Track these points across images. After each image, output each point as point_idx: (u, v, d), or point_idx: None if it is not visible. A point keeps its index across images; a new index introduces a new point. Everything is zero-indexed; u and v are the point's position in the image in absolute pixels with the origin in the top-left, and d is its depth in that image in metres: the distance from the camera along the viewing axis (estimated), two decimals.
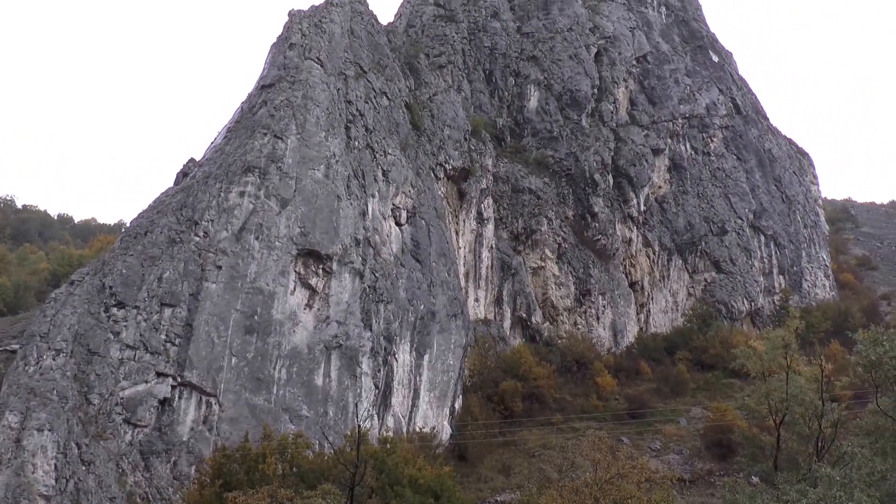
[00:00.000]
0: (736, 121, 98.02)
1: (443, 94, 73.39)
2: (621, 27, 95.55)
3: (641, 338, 77.81)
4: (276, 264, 42.43)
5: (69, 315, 36.57)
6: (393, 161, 55.78)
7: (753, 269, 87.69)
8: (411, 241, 54.90)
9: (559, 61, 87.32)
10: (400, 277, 51.40)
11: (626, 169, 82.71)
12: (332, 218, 46.44)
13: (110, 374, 35.54)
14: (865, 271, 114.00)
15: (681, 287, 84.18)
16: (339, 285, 45.54)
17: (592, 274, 75.24)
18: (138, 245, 40.38)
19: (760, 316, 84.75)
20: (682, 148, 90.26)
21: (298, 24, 55.05)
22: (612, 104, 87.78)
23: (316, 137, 48.01)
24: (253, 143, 45.06)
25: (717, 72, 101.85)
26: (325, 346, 43.16)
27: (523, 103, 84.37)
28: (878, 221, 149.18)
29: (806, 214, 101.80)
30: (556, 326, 72.25)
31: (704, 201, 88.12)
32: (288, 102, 47.92)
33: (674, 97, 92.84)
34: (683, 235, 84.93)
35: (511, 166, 77.09)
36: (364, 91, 56.57)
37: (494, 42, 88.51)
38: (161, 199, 44.45)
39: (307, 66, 51.49)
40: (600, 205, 78.94)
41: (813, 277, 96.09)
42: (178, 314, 38.42)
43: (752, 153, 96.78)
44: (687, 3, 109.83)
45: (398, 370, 48.88)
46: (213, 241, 40.91)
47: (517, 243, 73.59)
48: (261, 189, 43.56)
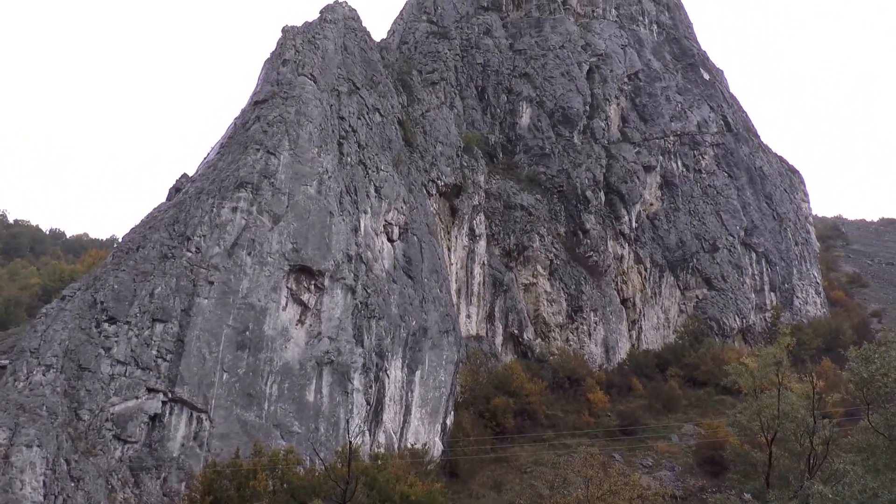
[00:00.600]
0: (727, 138, 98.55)
1: (435, 111, 73.70)
2: (613, 45, 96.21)
3: (633, 354, 77.84)
4: (268, 280, 42.37)
5: (60, 330, 36.44)
6: (385, 177, 55.89)
7: (745, 287, 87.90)
8: (403, 258, 54.93)
9: (551, 78, 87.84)
10: (392, 293, 51.39)
11: (618, 186, 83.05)
12: (325, 234, 46.44)
13: (101, 390, 35.37)
14: (856, 289, 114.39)
15: (672, 304, 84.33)
16: (330, 301, 45.48)
17: (584, 290, 75.34)
18: (130, 260, 40.32)
19: (752, 333, 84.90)
20: (674, 165, 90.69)
21: (292, 39, 55.28)
22: (604, 121, 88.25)
23: (309, 153, 48.10)
24: (246, 159, 45.11)
25: (708, 89, 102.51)
26: (316, 361, 43.06)
27: (515, 120, 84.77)
28: (869, 239, 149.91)
29: (797, 232, 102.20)
30: (547, 343, 72.24)
31: (696, 218, 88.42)
32: (281, 118, 48.03)
33: (665, 114, 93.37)
34: (675, 252, 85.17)
35: (503, 183, 77.33)
36: (357, 107, 56.75)
37: (487, 59, 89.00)
38: (153, 215, 44.45)
39: (300, 81, 51.67)
40: (592, 221, 79.22)
41: (804, 295, 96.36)
42: (169, 330, 38.30)
43: (744, 170, 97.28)
44: (678, 21, 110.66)
45: (390, 386, 48.77)
46: (206, 257, 40.85)
47: (509, 260, 73.70)
48: (253, 205, 43.57)
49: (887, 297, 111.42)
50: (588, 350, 73.69)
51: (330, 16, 61.40)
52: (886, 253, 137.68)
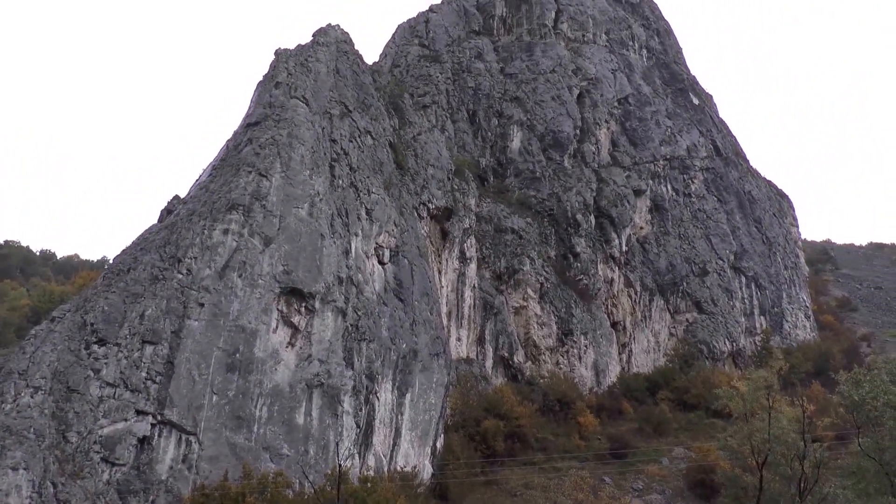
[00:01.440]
0: (716, 163, 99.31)
1: (427, 134, 74.07)
2: (603, 69, 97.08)
3: (623, 377, 77.84)
4: (259, 302, 42.33)
5: (49, 352, 36.29)
6: (376, 200, 56.04)
7: (735, 310, 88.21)
8: (394, 280, 54.96)
9: (542, 102, 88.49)
10: (382, 316, 51.35)
11: (608, 209, 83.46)
12: (316, 256, 46.47)
13: (89, 412, 35.17)
14: (846, 313, 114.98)
15: (662, 327, 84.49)
16: (321, 324, 45.43)
17: (574, 314, 75.45)
18: (121, 282, 40.24)
19: (742, 356, 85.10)
20: (664, 189, 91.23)
21: (285, 62, 55.60)
22: (594, 145, 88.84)
23: (300, 176, 48.23)
24: (238, 181, 45.20)
25: (697, 114, 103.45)
26: (306, 384, 42.93)
27: (506, 143, 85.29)
28: (858, 263, 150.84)
29: (786, 256, 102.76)
30: (538, 366, 72.20)
31: (686, 242, 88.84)
32: (273, 141, 48.20)
33: (655, 139, 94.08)
34: (665, 276, 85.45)
35: (494, 206, 77.61)
36: (349, 130, 57.00)
37: (478, 83, 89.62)
38: (145, 237, 44.43)
39: (293, 104, 51.90)
40: (582, 245, 79.50)
41: (794, 318, 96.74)
42: (159, 352, 38.17)
43: (733, 195, 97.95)
44: (668, 46, 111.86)
45: (380, 409, 48.60)
46: (196, 279, 40.81)
47: (499, 283, 73.79)
48: (245, 227, 43.61)
49: (876, 321, 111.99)
50: (578, 373, 73.67)
51: (322, 39, 61.80)
52: (875, 277, 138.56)
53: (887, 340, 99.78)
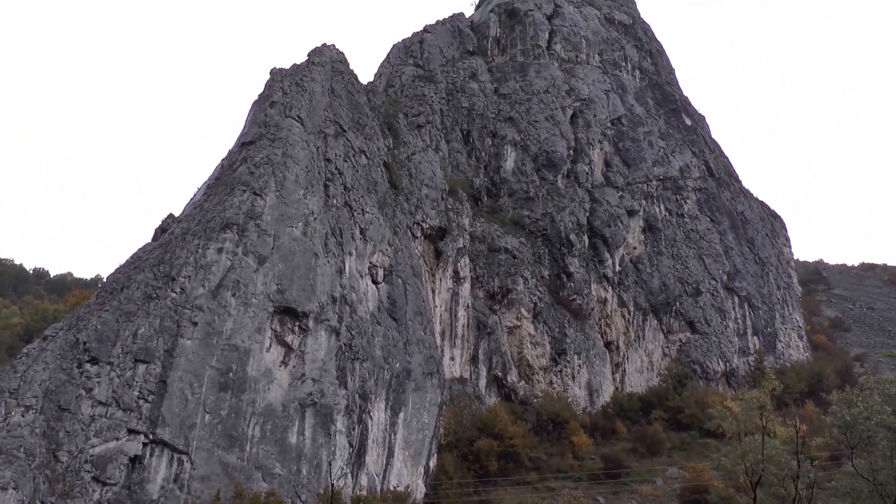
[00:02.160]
0: (709, 183, 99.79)
1: (421, 154, 74.34)
2: (596, 90, 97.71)
3: (617, 397, 77.78)
4: (253, 321, 42.31)
5: (40, 371, 36.18)
6: (370, 219, 56.16)
7: (728, 330, 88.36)
8: (388, 300, 54.97)
9: (535, 123, 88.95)
10: (376, 335, 51.33)
11: (602, 229, 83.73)
12: (310, 275, 46.51)
13: (80, 431, 35.03)
14: (838, 333, 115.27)
15: (656, 347, 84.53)
16: (314, 343, 45.40)
17: (568, 333, 75.50)
18: (114, 300, 40.19)
19: (735, 376, 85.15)
20: (657, 209, 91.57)
21: (280, 82, 55.84)
22: (588, 165, 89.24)
23: (295, 195, 48.34)
24: (232, 200, 45.29)
25: (690, 135, 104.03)
26: (299, 403, 42.84)
27: (500, 163, 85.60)
28: (850, 283, 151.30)
29: (779, 276, 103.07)
30: (531, 385, 72.15)
31: (679, 262, 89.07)
32: (268, 160, 48.34)
33: (648, 159, 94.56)
34: (658, 296, 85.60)
35: (487, 226, 77.80)
36: (343, 149, 57.19)
37: (472, 103, 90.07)
38: (139, 255, 44.42)
39: (287, 123, 52.09)
40: (576, 265, 79.66)
41: (787, 338, 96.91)
42: (152, 370, 38.08)
43: (726, 215, 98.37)
44: (660, 67, 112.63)
45: (373, 428, 48.49)
46: (190, 298, 40.79)
47: (493, 302, 73.84)
48: (239, 246, 43.65)
49: (869, 341, 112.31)
50: (572, 393, 73.61)
51: (318, 58, 62.09)
52: (867, 297, 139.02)
53: (880, 360, 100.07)
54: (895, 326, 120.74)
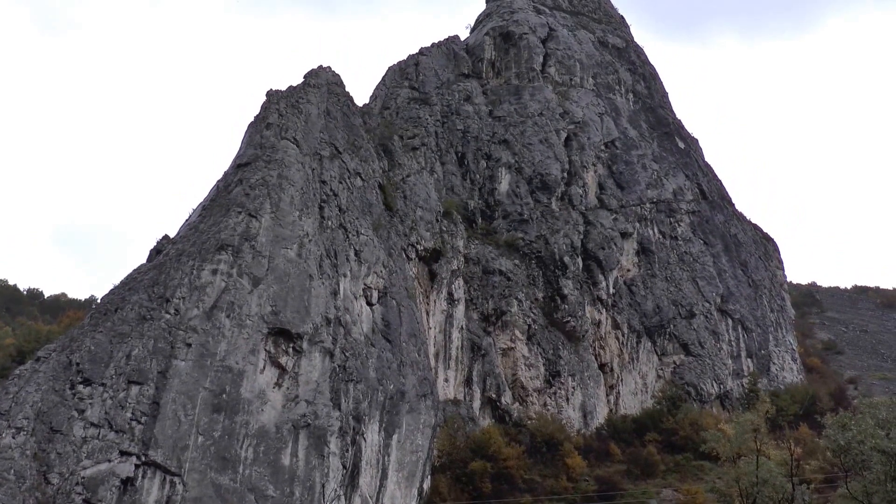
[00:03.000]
0: (702, 206, 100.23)
1: (416, 176, 74.64)
2: (590, 113, 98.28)
3: (611, 419, 77.64)
4: (247, 343, 42.29)
5: (32, 392, 36.09)
6: (365, 241, 56.29)
7: (722, 353, 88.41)
8: (382, 321, 55.00)
9: (530, 145, 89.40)
10: (370, 357, 51.32)
11: (596, 252, 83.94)
12: (304, 297, 46.55)
13: (72, 453, 34.90)
14: (832, 355, 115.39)
15: (650, 369, 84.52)
16: (308, 364, 45.37)
17: (562, 355, 75.50)
18: (108, 322, 40.19)
19: (730, 398, 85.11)
20: (650, 232, 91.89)
21: (276, 104, 56.18)
22: (582, 188, 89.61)
23: (290, 217, 48.50)
24: (227, 221, 45.41)
25: (683, 158, 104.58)
26: (293, 425, 42.75)
27: (494, 186, 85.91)
28: (843, 306, 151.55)
29: (772, 299, 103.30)
30: (525, 407, 72.03)
31: (672, 285, 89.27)
32: (263, 181, 48.53)
33: (641, 182, 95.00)
34: (652, 318, 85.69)
35: (482, 248, 77.97)
36: (338, 171, 57.43)
37: (467, 125, 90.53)
38: (133, 276, 44.46)
39: (283, 145, 52.35)
40: (570, 287, 79.77)
41: (780, 361, 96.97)
42: (145, 392, 38.02)
43: (719, 238, 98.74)
44: (654, 90, 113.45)
45: (366, 450, 48.37)
46: (184, 319, 40.80)
47: (487, 324, 73.89)
48: (233, 267, 43.71)
49: (863, 364, 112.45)
50: (566, 415, 73.48)
51: (314, 80, 62.50)
52: (860, 320, 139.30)
53: (874, 383, 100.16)
54: (888, 349, 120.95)
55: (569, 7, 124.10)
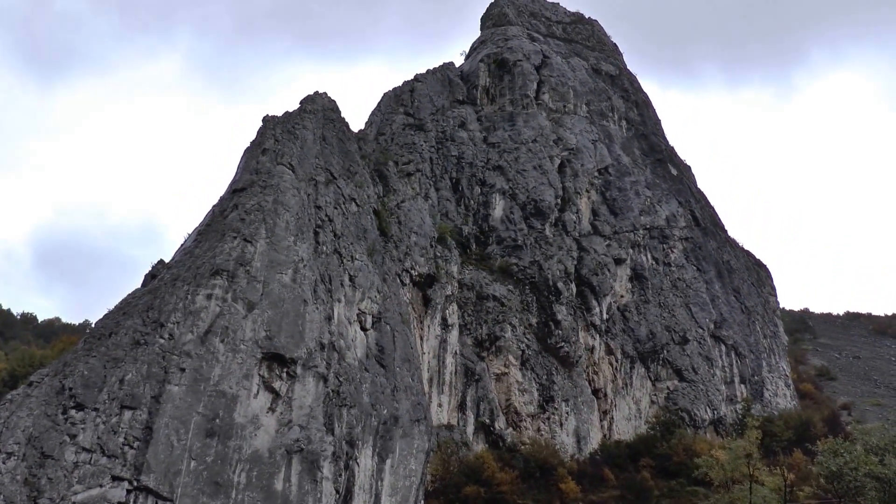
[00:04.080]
0: (695, 232, 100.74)
1: (410, 202, 74.96)
2: (584, 140, 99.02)
3: (605, 444, 77.63)
4: (241, 367, 42.29)
5: (24, 417, 35.96)
6: (360, 266, 56.46)
7: (715, 378, 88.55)
8: (376, 346, 55.05)
9: (524, 171, 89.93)
10: (364, 382, 51.31)
11: (589, 278, 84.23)
12: (298, 322, 46.62)
13: (63, 478, 34.75)
14: (825, 381, 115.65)
15: (644, 395, 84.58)
16: (302, 389, 45.35)
17: (556, 381, 75.56)
18: (102, 346, 40.15)
19: (723, 424, 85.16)
20: (644, 258, 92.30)
21: (272, 129, 56.45)
22: (575, 214, 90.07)
23: (285, 242, 48.66)
24: (222, 246, 45.54)
25: (676, 184, 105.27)
26: (286, 450, 42.67)
27: (489, 212, 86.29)
28: (836, 332, 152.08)
29: (765, 325, 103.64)
30: (519, 432, 71.98)
31: (666, 311, 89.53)
32: (259, 206, 48.72)
33: (635, 208, 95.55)
34: (646, 344, 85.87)
35: (476, 273, 78.20)
36: (333, 197, 57.68)
37: (461, 151, 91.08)
38: (128, 301, 44.47)
39: (279, 171, 52.59)
40: (563, 313, 79.96)
41: (774, 387, 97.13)
42: (138, 417, 37.93)
43: (712, 264, 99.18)
44: (646, 117, 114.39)
45: (359, 475, 48.25)
46: (178, 344, 40.81)
47: (481, 349, 73.97)
48: (228, 292, 43.79)
49: (856, 390, 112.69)
50: (560, 440, 73.43)
51: (310, 106, 62.89)
52: (853, 346, 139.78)
53: (867, 409, 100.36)
54: (881, 375, 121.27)
55: (562, 35, 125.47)
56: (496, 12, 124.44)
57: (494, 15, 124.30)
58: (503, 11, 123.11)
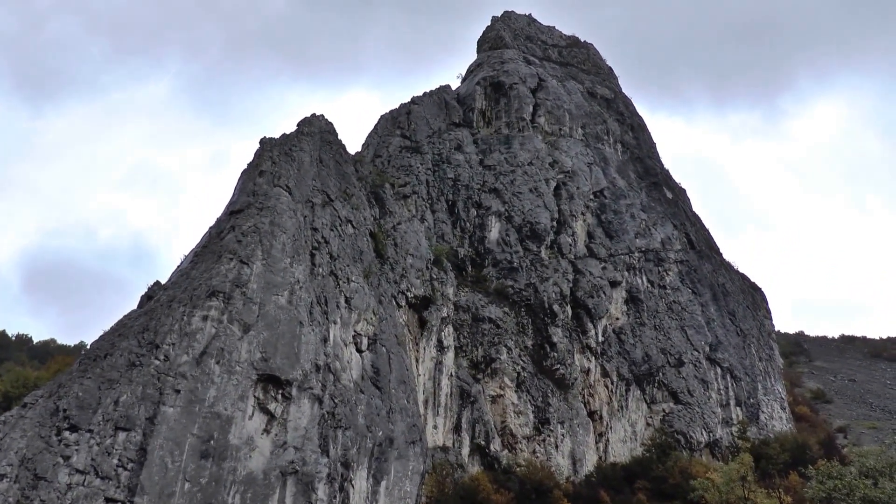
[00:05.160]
0: (690, 255, 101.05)
1: (406, 224, 75.20)
2: (579, 163, 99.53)
3: (601, 466, 77.43)
4: (236, 389, 42.30)
5: (17, 438, 35.92)
6: (356, 288, 56.60)
7: (711, 401, 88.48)
8: (371, 368, 55.07)
9: (520, 194, 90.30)
10: (359, 404, 51.31)
11: (585, 300, 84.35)
12: (294, 343, 46.69)
13: (56, 500, 34.65)
14: (820, 404, 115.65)
15: (639, 417, 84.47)
16: (297, 411, 45.34)
17: (551, 403, 75.47)
18: (97, 367, 40.17)
19: (719, 447, 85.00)
20: (639, 281, 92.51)
21: (269, 151, 56.81)
22: (571, 237, 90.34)
23: (281, 263, 48.84)
24: (219, 268, 45.70)
25: (671, 207, 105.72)
26: (280, 471, 42.60)
27: (485, 234, 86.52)
28: (831, 355, 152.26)
29: (760, 348, 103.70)
30: (514, 454, 71.79)
31: (661, 333, 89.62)
32: (255, 228, 48.94)
33: (630, 231, 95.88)
34: (641, 366, 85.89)
35: (472, 295, 78.30)
36: (330, 219, 57.93)
37: (458, 174, 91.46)
38: (123, 322, 44.54)
39: (276, 193, 52.88)
40: (559, 335, 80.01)
41: (770, 409, 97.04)
42: (132, 438, 37.89)
43: (707, 287, 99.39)
44: (642, 141, 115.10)
45: (354, 496, 48.12)
46: (174, 365, 40.85)
47: (476, 371, 73.93)
48: (224, 314, 43.89)
49: (851, 413, 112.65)
50: (555, 462, 73.24)
51: (307, 129, 63.31)
52: (848, 370, 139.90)
53: (863, 432, 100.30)
54: (877, 399, 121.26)
55: (558, 58, 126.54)
56: (493, 35, 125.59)
57: (491, 38, 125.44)
58: (500, 35, 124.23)
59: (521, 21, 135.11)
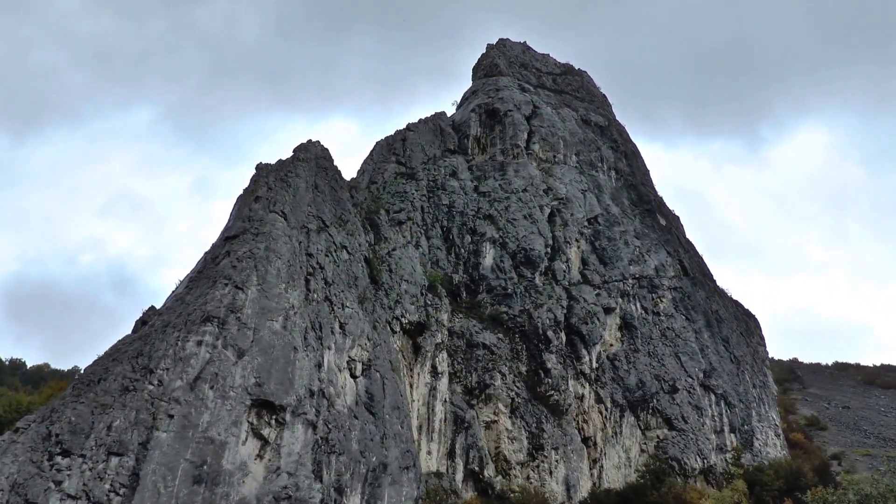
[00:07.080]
0: (684, 282, 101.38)
1: (401, 250, 75.52)
2: (573, 189, 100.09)
3: (595, 493, 77.13)
4: (230, 414, 42.35)
5: (9, 463, 35.91)
6: (350, 314, 56.78)
7: (705, 427, 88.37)
8: (366, 394, 55.13)
9: (514, 221, 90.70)
10: (353, 429, 51.31)
11: (579, 326, 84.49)
12: (288, 369, 46.79)
13: None
14: (815, 431, 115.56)
15: (633, 443, 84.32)
16: (291, 436, 45.35)
17: (545, 429, 75.38)
18: (90, 392, 40.24)
19: (714, 473, 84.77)
20: (633, 307, 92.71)
21: (265, 177, 57.25)
22: (565, 263, 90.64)
23: (276, 289, 49.05)
24: (214, 293, 45.90)
25: (664, 234, 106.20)
26: (274, 497, 42.54)
27: (479, 260, 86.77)
28: (825, 383, 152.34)
29: (754, 374, 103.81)
30: (508, 480, 71.56)
31: (655, 360, 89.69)
32: (250, 254, 49.21)
33: (624, 258, 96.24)
34: (635, 393, 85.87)
35: (466, 321, 78.40)
36: (325, 244, 58.24)
37: (452, 200, 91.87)
38: (117, 347, 44.66)
39: (271, 218, 53.22)
40: (553, 361, 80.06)
41: (764, 436, 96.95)
42: (125, 463, 37.89)
43: (701, 314, 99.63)
44: (635, 168, 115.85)
45: None
46: (167, 390, 40.93)
47: (471, 397, 73.87)
48: (218, 339, 44.03)
49: (846, 440, 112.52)
50: (549, 488, 73.01)
51: (303, 154, 63.79)
52: (842, 396, 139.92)
53: (857, 459, 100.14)
54: (871, 426, 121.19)
55: (553, 86, 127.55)
56: (487, 63, 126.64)
57: (486, 65, 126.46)
58: (494, 62, 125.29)
59: (516, 49, 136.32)
